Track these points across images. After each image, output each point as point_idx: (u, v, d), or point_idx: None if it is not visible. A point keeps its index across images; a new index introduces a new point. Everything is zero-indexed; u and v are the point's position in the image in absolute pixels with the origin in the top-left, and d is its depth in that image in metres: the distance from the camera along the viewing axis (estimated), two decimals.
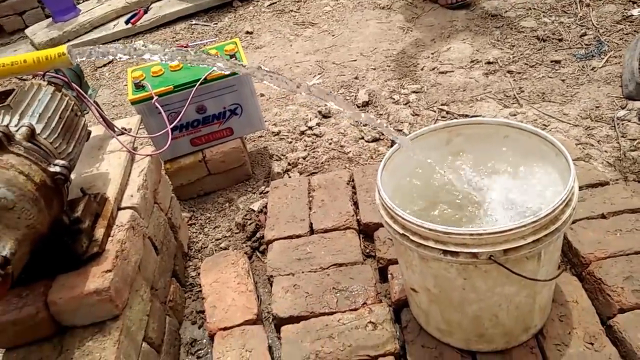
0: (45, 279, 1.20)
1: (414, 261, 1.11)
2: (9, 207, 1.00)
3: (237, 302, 1.46)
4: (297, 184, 1.86)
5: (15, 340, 1.19)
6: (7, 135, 1.06)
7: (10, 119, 1.16)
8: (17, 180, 1.02)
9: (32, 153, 1.09)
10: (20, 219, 1.03)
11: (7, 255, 0.99)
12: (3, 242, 1.00)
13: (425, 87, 2.43)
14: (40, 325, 1.17)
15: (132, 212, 1.37)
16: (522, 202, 1.13)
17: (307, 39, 3.05)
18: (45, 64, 0.90)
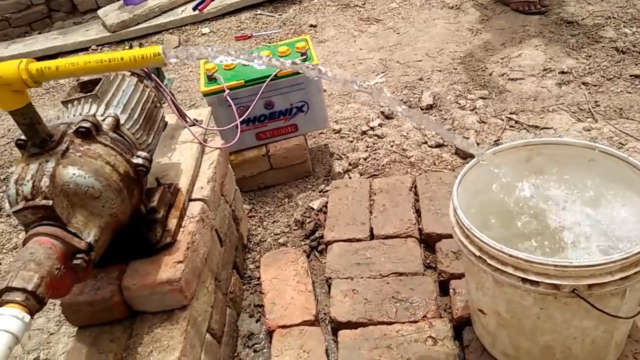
0: (119, 264, 1.25)
1: (486, 284, 1.08)
2: (95, 196, 1.04)
3: (296, 301, 1.47)
4: (358, 186, 1.85)
5: (89, 320, 1.24)
6: (96, 125, 1.10)
7: (97, 108, 1.20)
8: (104, 170, 1.06)
9: (117, 144, 1.13)
10: (105, 207, 1.06)
11: (92, 241, 1.03)
12: (88, 229, 1.04)
13: (493, 93, 2.36)
14: (113, 308, 1.21)
15: (202, 204, 1.40)
16: (606, 231, 1.08)
17: (372, 36, 3.01)
18: (140, 62, 0.92)
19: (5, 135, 2.74)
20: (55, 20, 3.99)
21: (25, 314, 0.87)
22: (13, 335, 0.84)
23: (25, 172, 0.99)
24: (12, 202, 0.98)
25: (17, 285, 0.88)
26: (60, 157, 1.01)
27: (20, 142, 1.05)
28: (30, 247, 0.95)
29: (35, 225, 0.98)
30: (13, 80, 0.91)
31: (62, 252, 0.97)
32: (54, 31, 3.75)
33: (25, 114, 0.97)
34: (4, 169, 2.46)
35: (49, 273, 0.93)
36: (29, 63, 0.92)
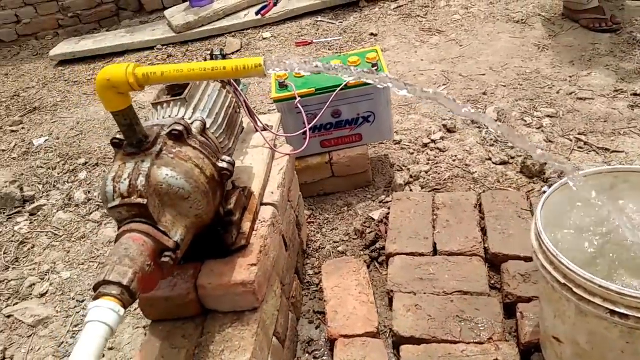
0: (194, 263, 1.28)
1: (567, 312, 1.05)
2: (185, 197, 1.08)
3: (358, 312, 1.48)
4: (421, 199, 1.84)
5: (163, 315, 1.28)
6: (187, 128, 1.14)
7: (185, 111, 1.24)
8: (194, 172, 1.10)
9: (205, 147, 1.16)
10: (192, 208, 1.10)
11: (178, 240, 1.07)
12: (176, 228, 1.08)
13: (561, 112, 2.30)
14: (187, 305, 1.25)
15: (273, 209, 1.43)
16: None
17: (433, 47, 3.00)
18: (242, 72, 0.95)
19: (74, 128, 2.87)
20: (122, 19, 4.15)
21: (120, 307, 0.91)
22: (109, 327, 0.89)
23: (122, 171, 1.04)
24: (109, 199, 1.03)
25: (113, 279, 0.92)
26: (155, 158, 1.05)
27: (116, 141, 1.10)
28: (124, 242, 0.99)
29: (128, 222, 1.03)
30: (120, 83, 0.96)
31: (152, 250, 1.01)
32: (121, 29, 3.90)
33: (127, 115, 1.02)
34: (73, 160, 2.57)
35: (141, 269, 0.97)
36: (136, 67, 0.97)
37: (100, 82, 0.97)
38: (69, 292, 1.83)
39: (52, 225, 2.14)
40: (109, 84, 0.97)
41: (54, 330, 1.69)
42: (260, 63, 0.95)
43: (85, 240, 2.06)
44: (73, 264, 1.95)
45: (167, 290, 1.24)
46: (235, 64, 0.96)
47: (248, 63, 0.95)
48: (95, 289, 0.93)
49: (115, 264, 0.95)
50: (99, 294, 0.92)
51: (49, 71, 3.53)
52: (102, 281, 0.92)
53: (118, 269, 0.94)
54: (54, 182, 2.40)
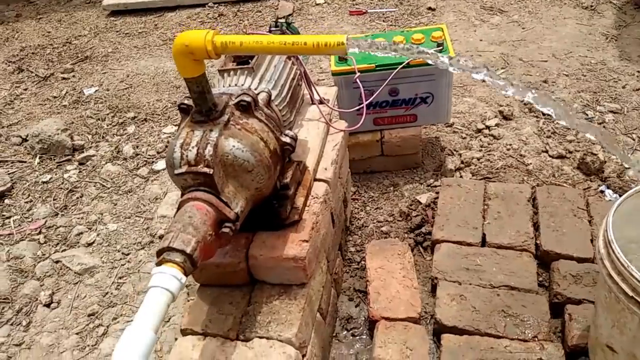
0: (246, 233, 1.29)
1: (629, 324, 1.02)
2: (249, 169, 1.07)
3: (401, 295, 1.47)
4: (472, 187, 1.79)
5: (212, 280, 1.30)
6: (255, 100, 1.12)
7: (251, 81, 1.22)
8: (258, 145, 1.09)
9: (270, 120, 1.15)
10: (254, 181, 1.10)
11: (239, 212, 1.07)
12: (237, 199, 1.08)
13: (625, 108, 2.19)
14: (237, 274, 1.27)
15: (326, 186, 1.41)
16: None
17: (494, 27, 2.87)
18: (323, 50, 0.92)
19: (124, 80, 2.89)
20: None
21: (182, 275, 0.92)
22: (171, 294, 0.90)
23: (190, 138, 1.03)
24: (176, 165, 1.03)
25: (177, 247, 0.93)
26: (223, 128, 1.05)
27: (184, 106, 1.09)
28: (188, 210, 1.00)
29: (193, 190, 1.03)
30: (198, 49, 0.94)
31: (214, 219, 1.01)
32: None
33: (200, 82, 1.01)
34: (123, 113, 2.60)
35: (203, 238, 0.98)
36: (215, 35, 0.95)
37: (178, 46, 0.95)
38: (115, 243, 1.88)
39: (100, 176, 2.19)
40: (187, 49, 0.95)
41: (99, 279, 1.74)
42: (342, 41, 0.91)
43: (132, 195, 2.10)
44: (120, 217, 2.00)
45: (219, 257, 1.25)
46: (317, 40, 0.92)
47: (330, 40, 0.92)
48: (159, 255, 0.94)
49: (179, 231, 0.95)
50: (163, 260, 0.93)
51: (100, 20, 3.54)
52: (167, 247, 0.94)
53: (182, 236, 0.95)
54: (103, 133, 2.44)
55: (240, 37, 0.95)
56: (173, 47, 0.99)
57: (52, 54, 3.20)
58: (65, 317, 1.62)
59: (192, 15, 3.42)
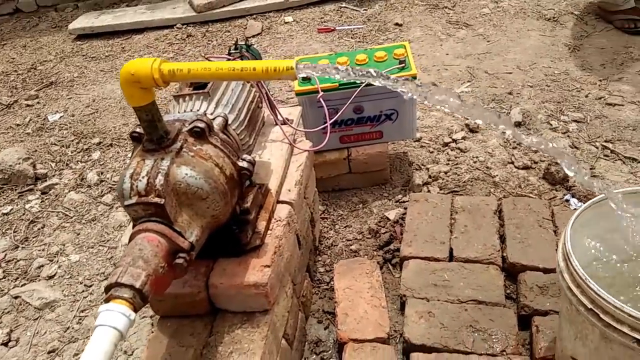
0: (206, 260, 1.26)
1: (590, 336, 1.02)
2: (203, 197, 1.05)
3: (369, 316, 1.45)
4: (439, 202, 1.80)
5: (171, 311, 1.26)
6: (209, 125, 1.10)
7: (207, 106, 1.21)
8: (213, 172, 1.07)
9: (225, 145, 1.13)
10: (209, 209, 1.07)
11: (193, 241, 1.04)
12: (191, 228, 1.05)
13: (588, 117, 2.23)
14: (197, 303, 1.23)
15: (289, 208, 1.40)
16: None
17: (460, 41, 2.91)
18: (272, 75, 0.91)
19: (90, 105, 2.85)
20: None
21: (132, 311, 0.89)
22: (119, 332, 0.87)
23: (140, 168, 1.01)
24: (126, 196, 1.00)
25: (126, 282, 0.90)
26: (175, 156, 1.03)
27: (135, 134, 1.07)
28: (139, 243, 0.97)
29: (144, 221, 1.00)
30: (145, 78, 0.93)
31: (166, 251, 0.99)
32: (142, 5, 3.85)
33: (149, 111, 0.99)
34: (88, 139, 2.56)
35: (154, 271, 0.95)
36: (162, 63, 0.93)
37: (124, 75, 0.93)
38: (77, 275, 1.83)
39: (63, 205, 2.13)
40: (133, 78, 0.93)
41: (60, 314, 1.69)
42: (292, 66, 0.90)
43: (96, 223, 2.05)
44: (82, 247, 1.94)
45: (178, 287, 1.22)
46: (266, 65, 0.92)
47: (279, 65, 0.91)
48: (107, 291, 0.91)
49: (128, 266, 0.93)
50: (110, 297, 0.90)
51: (67, 45, 3.50)
52: (115, 283, 0.90)
53: (131, 270, 0.92)
54: (67, 160, 2.39)
55: (188, 65, 0.94)
56: (120, 76, 0.97)
57: (16, 81, 3.14)
58: (24, 356, 1.56)
59: (160, 37, 3.40)
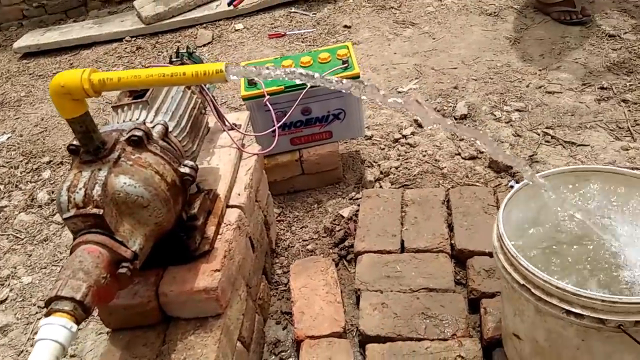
0: (156, 269, 1.26)
1: (526, 312, 1.07)
2: (144, 205, 1.06)
3: (325, 312, 1.48)
4: (390, 196, 1.84)
5: (123, 323, 1.26)
6: (147, 134, 1.11)
7: (146, 114, 1.21)
8: (153, 179, 1.07)
9: (166, 152, 1.14)
10: (152, 216, 1.08)
11: (137, 250, 1.05)
12: (134, 237, 1.06)
13: (529, 106, 2.32)
14: (148, 313, 1.23)
15: (239, 212, 1.41)
16: None
17: (407, 40, 2.99)
18: (203, 78, 0.92)
19: (38, 124, 2.79)
20: (90, 9, 4.03)
21: (73, 323, 0.89)
22: (61, 345, 0.87)
23: (77, 180, 1.01)
24: (64, 209, 1.00)
25: (65, 295, 0.90)
26: (113, 166, 1.03)
27: (72, 147, 1.07)
28: (79, 255, 0.97)
29: (84, 233, 1.00)
30: (75, 89, 0.93)
31: (108, 261, 0.99)
32: (89, 20, 3.79)
33: (82, 122, 0.99)
34: (37, 159, 2.51)
35: (96, 282, 0.95)
36: (91, 73, 0.94)
37: (54, 87, 0.93)
38: (30, 297, 1.79)
39: (13, 227, 2.08)
40: (63, 90, 0.93)
41: (13, 338, 1.65)
42: (221, 68, 0.92)
43: (48, 243, 2.01)
44: (35, 268, 1.90)
45: (127, 298, 1.22)
46: (196, 70, 0.93)
47: (209, 69, 0.93)
48: (47, 305, 0.90)
49: (68, 278, 0.92)
50: (51, 310, 0.89)
51: (12, 64, 3.42)
52: (54, 297, 0.90)
53: (71, 283, 0.92)
54: (16, 182, 2.34)
55: (118, 73, 0.95)
56: (50, 89, 0.97)
57: None
58: None
59: (109, 50, 3.36)
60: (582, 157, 2.03)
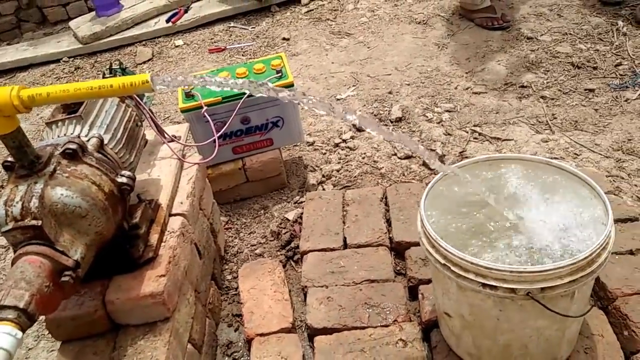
0: (102, 279, 1.29)
1: (451, 289, 1.17)
2: (82, 215, 1.09)
3: (273, 310, 1.54)
4: (332, 197, 1.93)
5: (72, 334, 1.28)
6: (82, 146, 1.15)
7: (81, 129, 1.25)
8: (90, 190, 1.11)
9: (102, 164, 1.18)
10: (91, 226, 1.11)
11: (78, 259, 1.08)
12: (75, 247, 1.09)
13: (458, 106, 2.48)
14: (96, 322, 1.26)
15: (182, 219, 1.46)
16: (559, 238, 1.18)
17: (343, 49, 3.11)
18: (130, 89, 0.97)
19: None
20: (24, 31, 3.95)
21: (18, 330, 0.91)
22: (7, 352, 0.89)
23: (14, 194, 1.03)
24: (2, 223, 1.02)
25: (8, 304, 0.92)
26: (49, 179, 1.06)
27: (7, 163, 1.09)
28: (20, 266, 0.99)
29: (24, 245, 1.02)
30: (4, 106, 0.96)
31: (50, 270, 1.02)
32: (23, 42, 3.72)
33: (15, 137, 1.02)
34: None
35: (39, 291, 0.97)
36: (20, 90, 0.97)
37: None
38: None
39: None
40: None
41: None
42: (147, 79, 0.98)
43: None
44: None
45: (74, 309, 1.24)
46: (122, 82, 0.98)
47: (135, 80, 0.98)
48: None
49: (10, 288, 0.95)
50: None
51: None
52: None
53: (14, 292, 0.94)
54: None
55: (47, 88, 0.98)
56: None
57: None
58: None
59: (47, 72, 3.31)
60: (506, 151, 2.19)
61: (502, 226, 1.20)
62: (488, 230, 1.20)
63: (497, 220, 1.21)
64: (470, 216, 1.25)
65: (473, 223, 1.23)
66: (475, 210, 1.26)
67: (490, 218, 1.23)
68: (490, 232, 1.20)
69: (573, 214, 1.20)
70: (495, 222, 1.21)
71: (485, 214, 1.25)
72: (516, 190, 1.28)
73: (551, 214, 1.21)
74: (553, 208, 1.22)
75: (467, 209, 1.27)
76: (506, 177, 1.32)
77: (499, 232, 1.19)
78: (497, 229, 1.20)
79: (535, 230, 1.17)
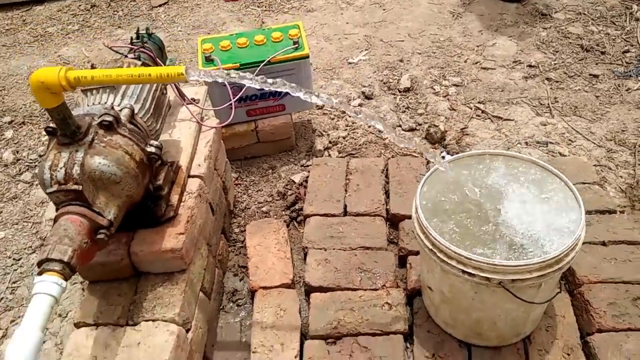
0: (127, 231, 1.45)
1: (435, 269, 1.34)
2: (117, 181, 1.23)
3: (276, 267, 1.72)
4: (337, 165, 2.06)
5: (100, 276, 1.45)
6: (117, 118, 1.26)
7: (114, 98, 1.36)
8: (124, 159, 1.24)
9: (133, 134, 1.30)
10: (124, 190, 1.25)
11: (112, 219, 1.23)
12: (109, 208, 1.23)
13: (466, 81, 2.56)
14: (122, 269, 1.43)
15: (200, 181, 1.60)
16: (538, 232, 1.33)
17: (358, 10, 3.13)
18: (166, 79, 1.08)
19: None
20: None
21: (63, 280, 1.08)
22: (54, 298, 1.05)
23: (58, 159, 1.16)
24: (47, 185, 1.16)
25: (55, 257, 1.08)
26: (88, 148, 1.19)
27: (49, 129, 1.21)
28: (63, 223, 1.14)
29: (66, 204, 1.17)
30: (53, 85, 1.07)
31: (88, 229, 1.17)
32: None
33: (60, 111, 1.13)
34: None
35: (79, 246, 1.13)
36: (67, 71, 1.08)
37: (35, 84, 1.07)
38: (5, 251, 1.94)
39: None
40: (43, 85, 1.07)
41: None
42: (182, 72, 1.09)
43: (17, 201, 2.13)
44: (7, 224, 2.04)
45: (104, 256, 1.40)
46: (160, 72, 1.09)
47: (171, 71, 1.09)
48: (39, 265, 1.08)
49: (56, 243, 1.10)
50: (43, 270, 1.07)
51: None
52: (45, 259, 1.08)
53: (59, 247, 1.10)
54: None
55: (92, 72, 1.09)
56: (31, 84, 1.10)
57: None
58: None
59: (63, 7, 3.33)
60: (506, 131, 2.30)
61: (487, 219, 1.35)
62: (475, 220, 1.34)
63: (483, 211, 1.35)
64: (462, 205, 1.39)
65: (463, 211, 1.37)
66: (466, 199, 1.39)
67: (477, 208, 1.37)
68: (478, 222, 1.34)
69: (553, 214, 1.33)
70: (482, 212, 1.35)
71: (473, 204, 1.38)
72: (504, 187, 1.41)
73: (533, 210, 1.35)
74: (535, 206, 1.36)
75: (459, 198, 1.40)
76: (495, 170, 1.45)
77: (485, 224, 1.33)
78: (483, 219, 1.34)
79: (515, 226, 1.31)
